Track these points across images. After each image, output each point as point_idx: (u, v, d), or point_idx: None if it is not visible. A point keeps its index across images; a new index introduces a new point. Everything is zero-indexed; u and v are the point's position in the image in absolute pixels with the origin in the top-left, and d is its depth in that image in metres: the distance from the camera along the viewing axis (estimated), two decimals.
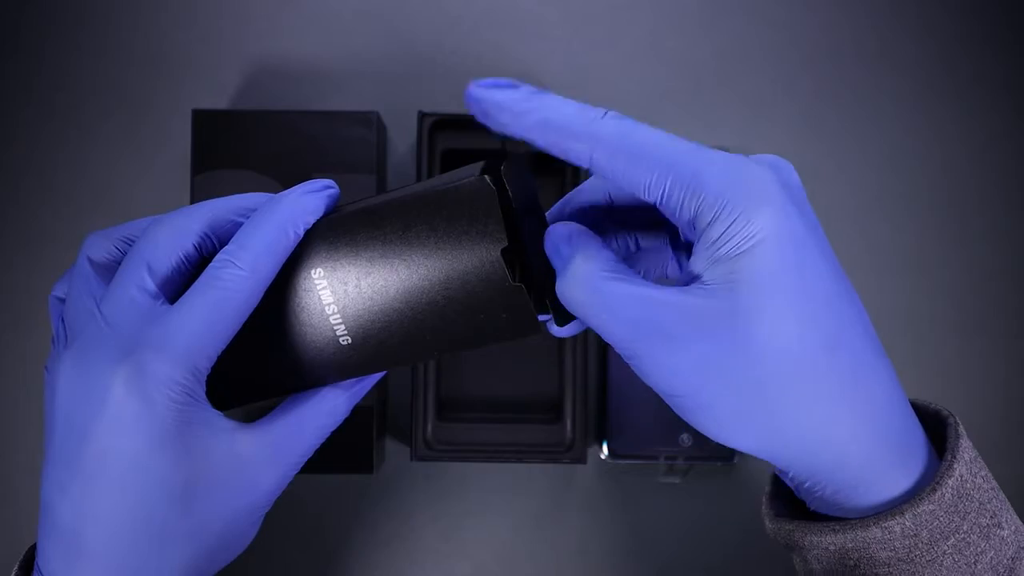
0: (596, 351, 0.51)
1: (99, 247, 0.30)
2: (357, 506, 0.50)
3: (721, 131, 0.52)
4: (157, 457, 0.27)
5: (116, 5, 0.52)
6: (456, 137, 0.48)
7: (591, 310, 0.27)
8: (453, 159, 0.48)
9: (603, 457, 0.49)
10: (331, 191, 0.30)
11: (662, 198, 0.26)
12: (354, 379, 0.31)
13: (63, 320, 0.29)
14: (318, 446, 0.31)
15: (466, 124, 0.48)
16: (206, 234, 0.29)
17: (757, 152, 0.52)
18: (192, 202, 0.45)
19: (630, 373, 0.29)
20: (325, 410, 0.31)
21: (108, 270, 0.30)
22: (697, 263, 0.26)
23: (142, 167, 0.51)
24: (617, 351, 0.28)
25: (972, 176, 0.53)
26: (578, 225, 0.29)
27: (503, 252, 0.28)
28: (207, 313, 0.27)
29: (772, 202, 0.25)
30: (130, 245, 0.30)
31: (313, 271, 0.29)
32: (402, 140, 0.52)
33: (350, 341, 0.30)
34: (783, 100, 0.53)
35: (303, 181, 0.30)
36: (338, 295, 0.30)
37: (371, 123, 0.46)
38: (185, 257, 0.29)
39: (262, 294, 0.29)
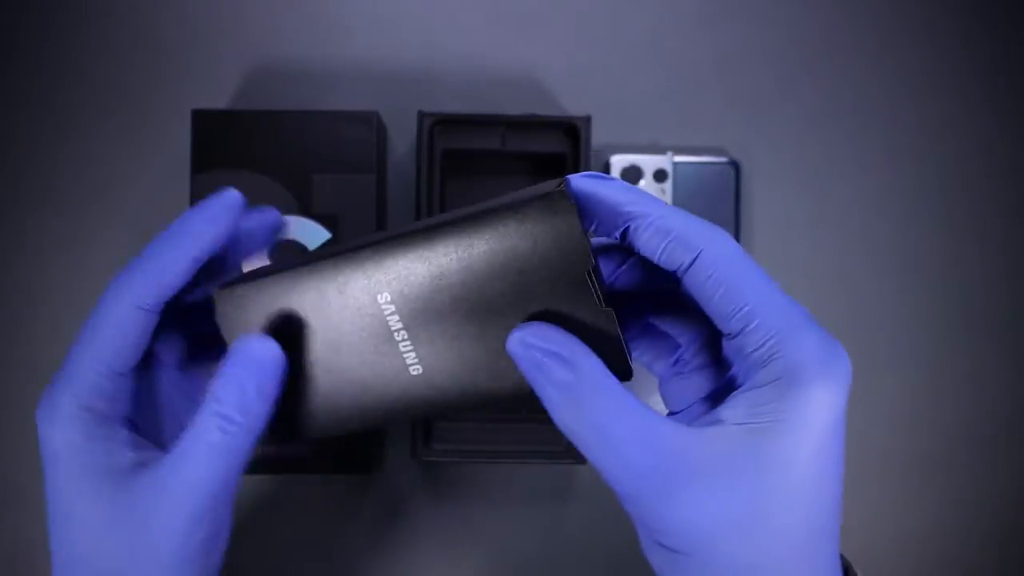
0: None
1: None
2: (357, 506, 0.50)
3: (721, 131, 0.52)
4: (68, 498, 0.27)
5: (116, 5, 0.52)
6: (456, 137, 0.48)
7: (591, 445, 0.25)
8: (453, 159, 0.48)
9: None
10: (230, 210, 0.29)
11: (742, 331, 0.25)
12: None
13: None
14: (225, 494, 0.27)
15: (466, 124, 0.48)
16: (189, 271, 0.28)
17: (757, 151, 0.52)
18: (192, 202, 0.45)
19: None
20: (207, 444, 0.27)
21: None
22: (734, 412, 0.25)
23: (142, 167, 0.51)
24: (615, 491, 0.25)
25: (972, 176, 0.53)
26: (563, 332, 0.26)
27: (588, 274, 0.26)
28: (88, 350, 0.27)
29: (845, 390, 0.25)
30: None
31: (379, 296, 0.27)
32: (402, 140, 0.52)
33: (421, 371, 0.28)
34: (783, 100, 0.53)
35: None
36: (406, 321, 0.27)
37: (371, 123, 0.46)
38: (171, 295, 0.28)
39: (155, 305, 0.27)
